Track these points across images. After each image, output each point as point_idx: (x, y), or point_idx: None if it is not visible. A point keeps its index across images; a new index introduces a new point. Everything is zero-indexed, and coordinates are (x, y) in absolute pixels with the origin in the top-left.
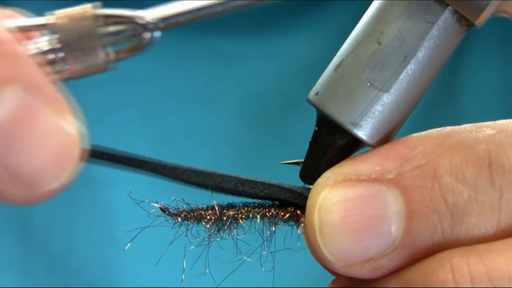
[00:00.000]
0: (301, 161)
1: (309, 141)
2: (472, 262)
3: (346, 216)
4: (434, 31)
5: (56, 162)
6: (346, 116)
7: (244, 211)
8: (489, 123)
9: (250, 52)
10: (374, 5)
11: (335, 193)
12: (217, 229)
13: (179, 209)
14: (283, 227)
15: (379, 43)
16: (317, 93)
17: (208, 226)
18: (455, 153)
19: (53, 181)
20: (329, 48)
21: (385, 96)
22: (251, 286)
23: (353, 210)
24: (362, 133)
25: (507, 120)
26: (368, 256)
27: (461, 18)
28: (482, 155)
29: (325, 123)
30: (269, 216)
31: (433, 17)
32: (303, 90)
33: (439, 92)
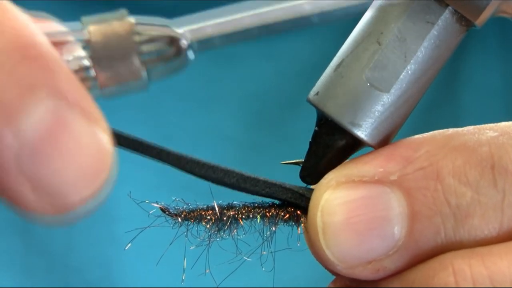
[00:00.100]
0: (301, 161)
1: (309, 141)
2: (474, 264)
3: (349, 217)
4: (434, 31)
5: (88, 174)
6: (346, 116)
7: (244, 211)
8: (491, 125)
9: (250, 52)
10: (374, 5)
11: (338, 194)
12: (217, 229)
13: (179, 210)
14: (283, 227)
15: (379, 43)
16: (317, 93)
17: (208, 226)
18: (458, 155)
19: (82, 192)
20: (329, 48)
21: (385, 96)
22: (251, 286)
23: (356, 211)
24: (362, 133)
25: (510, 122)
26: (370, 257)
27: (461, 18)
28: (484, 157)
29: (325, 123)
30: (269, 216)
31: (433, 17)
32: (303, 90)
33: (440, 92)
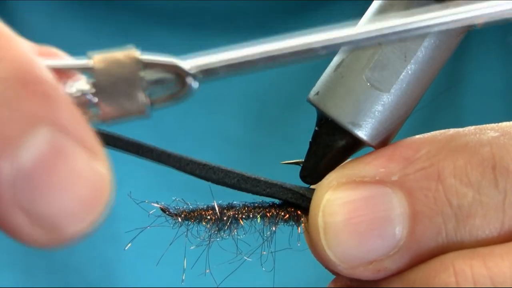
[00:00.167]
0: (301, 161)
1: (309, 141)
2: (475, 265)
3: (350, 217)
4: None
5: (85, 206)
6: (346, 116)
7: (244, 211)
8: (492, 125)
9: None
10: (374, 4)
11: (339, 194)
12: (217, 229)
13: (179, 209)
14: (284, 227)
15: (379, 43)
16: (317, 93)
17: (208, 226)
18: (459, 156)
19: (77, 224)
20: None
21: (385, 96)
22: (251, 286)
23: (357, 211)
24: (362, 133)
25: (511, 122)
26: (371, 257)
27: None
28: (486, 158)
29: (325, 123)
30: (269, 216)
31: None
32: (304, 90)
33: (441, 92)
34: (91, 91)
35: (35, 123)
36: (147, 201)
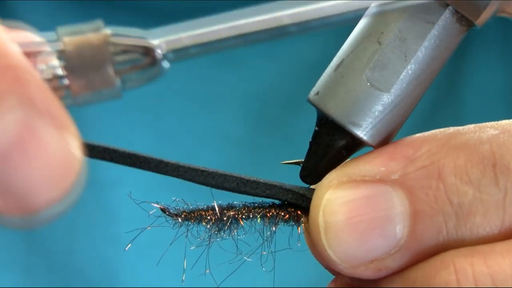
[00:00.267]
0: (301, 161)
1: (310, 141)
2: (476, 263)
3: (350, 217)
4: (434, 31)
5: (54, 178)
6: (346, 116)
7: (244, 212)
8: (492, 123)
9: (251, 52)
10: (374, 5)
11: (340, 194)
12: (217, 229)
13: (179, 210)
14: (284, 227)
15: (379, 43)
16: (317, 93)
17: (208, 226)
18: (459, 154)
19: (48, 196)
20: (330, 48)
21: (385, 96)
22: (251, 286)
23: (357, 211)
24: (362, 133)
25: (510, 120)
26: (372, 257)
27: (461, 18)
28: (486, 156)
29: (325, 123)
30: (269, 216)
31: (433, 17)
32: (304, 90)
33: (441, 92)
34: (62, 70)
35: (5, 99)
36: (147, 202)
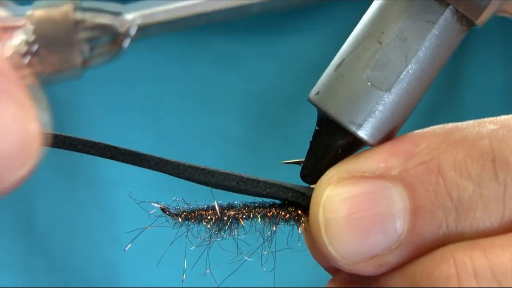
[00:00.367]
0: (302, 160)
1: (310, 140)
2: (475, 257)
3: (351, 213)
4: (434, 31)
5: (7, 158)
6: (346, 115)
7: (244, 211)
8: (491, 118)
9: (251, 52)
10: (374, 5)
11: (340, 190)
12: (217, 229)
13: (179, 210)
14: (284, 227)
15: (379, 43)
16: (318, 93)
17: (208, 226)
18: (459, 149)
19: (10, 174)
20: (330, 48)
21: (385, 95)
22: (252, 286)
23: (358, 207)
24: (362, 133)
25: (509, 115)
26: (373, 253)
27: (461, 17)
28: (485, 151)
29: (325, 123)
30: (269, 216)
31: (434, 17)
32: (305, 90)
33: (441, 92)
34: (26, 47)
35: None
36: (147, 201)
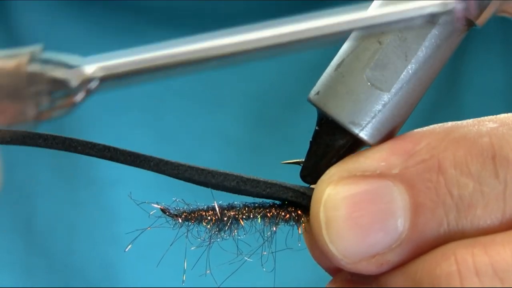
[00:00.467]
0: (302, 160)
1: (310, 141)
2: (477, 254)
3: (352, 211)
4: (435, 31)
5: None
6: (346, 115)
7: (244, 212)
8: (491, 117)
9: None
10: (374, 4)
11: (340, 189)
12: (217, 229)
13: (179, 210)
14: (284, 227)
15: (379, 43)
16: (318, 93)
17: (208, 226)
18: (459, 147)
19: None
20: (330, 48)
21: (385, 95)
22: (252, 286)
23: (358, 205)
24: (362, 133)
25: (509, 114)
26: (374, 251)
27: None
28: (485, 148)
29: (325, 123)
30: (269, 216)
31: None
32: (305, 90)
33: (441, 92)
34: None
35: None
36: (147, 202)
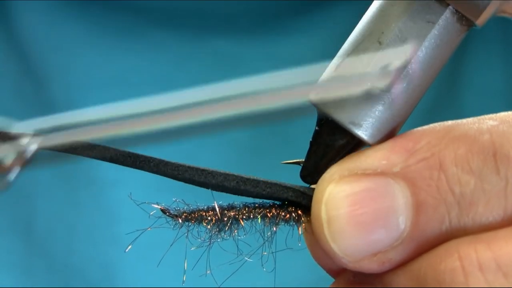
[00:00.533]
0: (302, 160)
1: (310, 141)
2: (480, 249)
3: (353, 209)
4: (434, 31)
5: None
6: (346, 115)
7: (245, 212)
8: (491, 115)
9: (251, 53)
10: (374, 4)
11: (342, 187)
12: (218, 230)
13: (179, 210)
14: (284, 227)
15: (379, 43)
16: (318, 93)
17: (209, 227)
18: (460, 144)
19: None
20: (330, 49)
21: (385, 95)
22: (252, 286)
23: (360, 203)
24: (362, 133)
25: (509, 112)
26: (376, 249)
27: (461, 17)
28: (486, 145)
29: (325, 123)
30: (270, 216)
31: (434, 17)
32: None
33: (442, 93)
34: None
35: None
36: (147, 202)
